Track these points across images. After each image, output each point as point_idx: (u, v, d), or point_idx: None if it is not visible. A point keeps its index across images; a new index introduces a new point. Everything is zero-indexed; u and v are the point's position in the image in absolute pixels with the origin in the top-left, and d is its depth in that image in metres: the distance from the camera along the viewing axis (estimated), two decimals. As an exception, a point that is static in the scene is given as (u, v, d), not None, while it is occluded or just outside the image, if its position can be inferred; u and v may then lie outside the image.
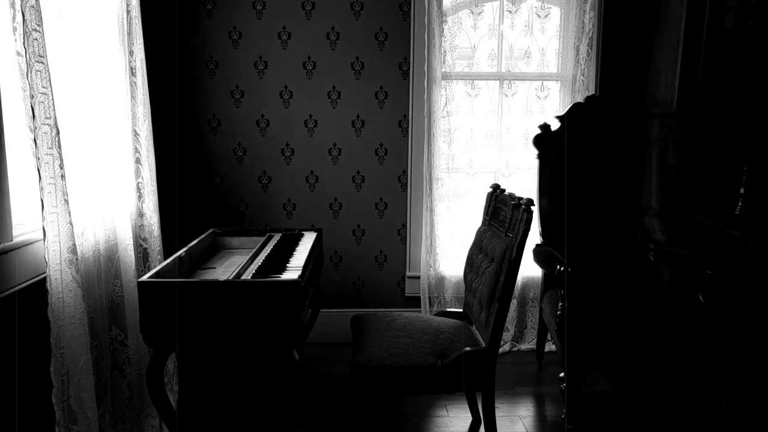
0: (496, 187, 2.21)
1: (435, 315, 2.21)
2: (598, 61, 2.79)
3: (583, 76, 2.79)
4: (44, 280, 1.45)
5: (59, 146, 1.43)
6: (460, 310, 2.20)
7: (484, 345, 1.87)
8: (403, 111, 2.80)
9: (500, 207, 2.04)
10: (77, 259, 1.50)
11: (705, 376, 2.11)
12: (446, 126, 2.79)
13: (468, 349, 1.81)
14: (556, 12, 2.86)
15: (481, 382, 1.84)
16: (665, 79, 2.64)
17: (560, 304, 2.10)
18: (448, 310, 2.27)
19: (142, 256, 2.14)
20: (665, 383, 2.45)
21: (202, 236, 2.15)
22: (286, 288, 1.59)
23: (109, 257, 1.89)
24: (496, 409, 2.30)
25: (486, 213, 2.19)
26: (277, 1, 2.69)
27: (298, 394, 1.99)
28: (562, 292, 2.11)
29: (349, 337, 2.06)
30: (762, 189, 2.23)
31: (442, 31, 2.74)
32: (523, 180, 2.91)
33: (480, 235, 2.11)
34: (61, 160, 1.44)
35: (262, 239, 2.22)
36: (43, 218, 1.41)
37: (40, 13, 1.36)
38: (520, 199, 1.83)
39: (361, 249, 2.91)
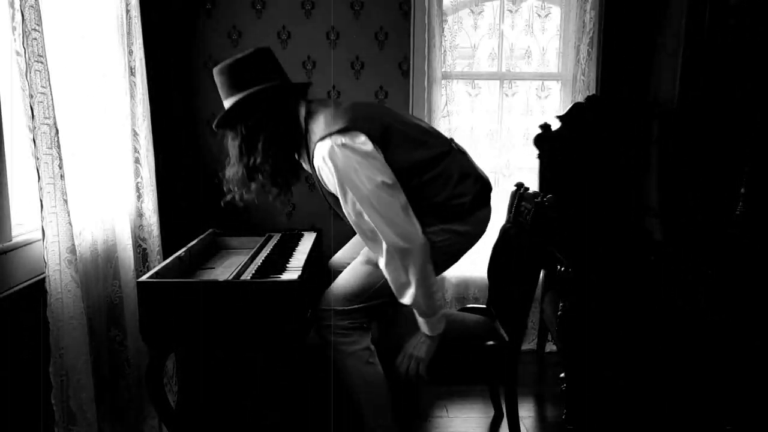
0: (520, 186, 2.21)
1: (458, 311, 2.22)
2: (599, 61, 2.78)
3: (583, 75, 2.78)
4: (43, 280, 1.44)
5: (58, 146, 1.43)
6: (484, 306, 2.21)
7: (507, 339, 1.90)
8: (404, 111, 2.80)
9: (524, 205, 2.05)
10: (76, 259, 1.49)
11: (707, 379, 2.11)
12: (447, 126, 2.79)
13: (491, 343, 1.85)
14: (556, 12, 2.85)
15: (504, 376, 1.89)
16: (666, 79, 2.63)
17: (561, 304, 2.09)
18: (471, 306, 2.29)
19: (142, 257, 2.14)
20: (666, 383, 2.45)
21: (202, 236, 2.15)
22: (286, 288, 1.58)
23: (108, 257, 1.88)
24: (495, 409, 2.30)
25: (510, 211, 2.19)
26: (277, 1, 2.69)
27: (299, 395, 1.98)
28: (563, 292, 2.11)
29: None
30: (762, 189, 2.23)
31: (443, 31, 2.74)
32: (524, 180, 2.90)
33: (503, 233, 2.11)
34: (60, 159, 1.44)
35: (262, 239, 2.22)
36: (42, 218, 1.40)
37: (40, 12, 1.36)
38: (544, 197, 1.84)
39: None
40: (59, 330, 1.45)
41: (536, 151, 2.64)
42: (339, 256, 2.19)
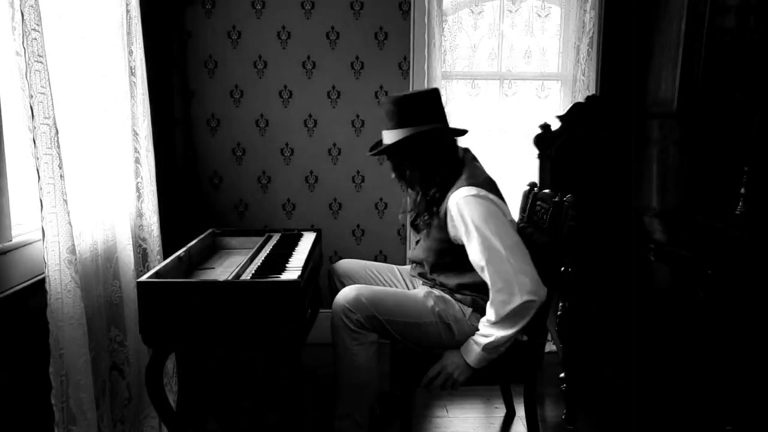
0: (533, 186, 2.21)
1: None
2: (599, 61, 2.79)
3: (583, 75, 2.79)
4: (43, 280, 1.44)
5: (58, 146, 1.43)
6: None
7: (525, 338, 1.90)
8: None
9: (540, 205, 2.05)
10: (76, 259, 1.49)
11: (707, 379, 2.10)
12: (446, 126, 2.79)
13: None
14: (556, 12, 2.85)
15: (521, 374, 1.89)
16: (665, 79, 2.64)
17: (561, 304, 2.09)
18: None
19: (141, 257, 2.13)
20: (666, 383, 2.45)
21: (202, 236, 2.15)
22: (286, 288, 1.58)
23: (108, 257, 1.88)
24: (496, 409, 2.30)
25: (523, 211, 2.19)
26: (277, 1, 2.69)
27: (301, 395, 1.98)
28: (563, 292, 2.10)
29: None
30: (762, 189, 2.23)
31: (443, 31, 2.74)
32: (524, 180, 2.90)
33: (519, 233, 2.11)
34: (60, 160, 1.43)
35: (262, 239, 2.21)
36: (42, 218, 1.40)
37: (40, 12, 1.36)
38: (563, 196, 1.84)
39: (361, 249, 2.90)
40: (59, 330, 1.44)
41: (536, 151, 2.64)
42: (347, 265, 2.19)
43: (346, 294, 1.79)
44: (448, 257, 1.83)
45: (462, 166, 1.81)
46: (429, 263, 1.90)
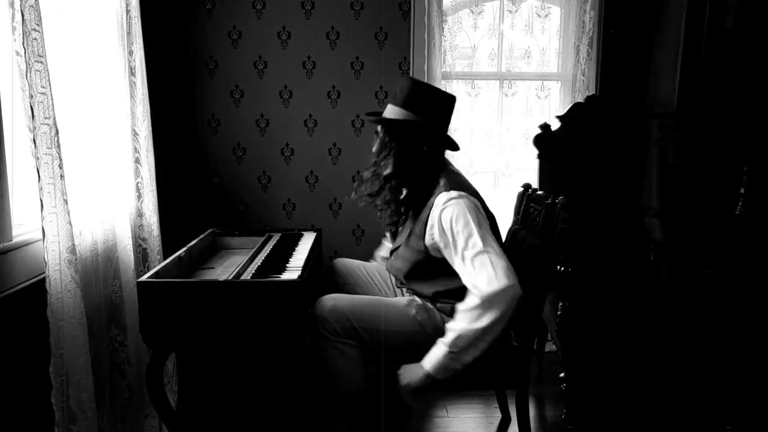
0: (527, 187, 2.20)
1: None
2: (599, 61, 2.79)
3: (583, 75, 2.79)
4: (43, 280, 1.44)
5: (58, 146, 1.43)
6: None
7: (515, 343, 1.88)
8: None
9: (533, 206, 2.04)
10: (77, 259, 1.49)
11: (707, 379, 2.11)
12: (446, 126, 2.79)
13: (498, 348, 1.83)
14: (556, 12, 2.85)
15: (513, 380, 1.87)
16: (665, 79, 2.63)
17: (561, 304, 2.10)
18: None
19: (142, 256, 2.14)
20: (666, 383, 2.45)
21: (202, 236, 2.15)
22: (286, 288, 1.59)
23: (108, 257, 1.88)
24: (495, 409, 2.31)
25: (517, 213, 2.18)
26: (277, 1, 2.69)
27: (299, 395, 1.99)
28: (563, 292, 2.11)
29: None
30: (762, 189, 2.23)
31: (442, 31, 2.74)
32: (523, 180, 2.90)
33: (512, 234, 2.10)
34: (61, 160, 1.44)
35: (262, 239, 2.22)
36: (43, 218, 1.40)
37: (40, 12, 1.36)
38: (555, 198, 1.84)
39: (361, 249, 2.90)
40: (59, 330, 1.45)
41: (536, 151, 2.64)
42: (344, 263, 2.19)
43: (323, 304, 1.77)
44: (424, 267, 1.80)
45: (439, 175, 1.79)
46: (404, 272, 1.87)
